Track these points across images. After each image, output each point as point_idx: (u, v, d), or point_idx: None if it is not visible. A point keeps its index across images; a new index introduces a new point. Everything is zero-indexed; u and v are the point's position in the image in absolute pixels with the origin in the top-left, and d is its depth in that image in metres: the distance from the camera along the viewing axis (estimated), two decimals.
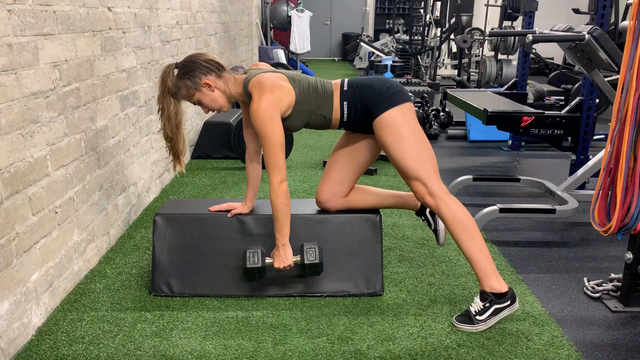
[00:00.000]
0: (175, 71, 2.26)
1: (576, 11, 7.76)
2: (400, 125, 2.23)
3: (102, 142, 2.87)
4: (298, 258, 2.31)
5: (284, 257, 2.28)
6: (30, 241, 2.17)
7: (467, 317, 2.19)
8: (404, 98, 2.28)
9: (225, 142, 4.74)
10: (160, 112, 2.30)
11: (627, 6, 7.35)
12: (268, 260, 2.31)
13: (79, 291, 2.51)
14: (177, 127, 2.31)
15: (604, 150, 3.43)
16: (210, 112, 2.39)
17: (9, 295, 2.01)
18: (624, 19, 7.33)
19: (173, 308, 2.36)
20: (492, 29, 9.64)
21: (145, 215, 3.46)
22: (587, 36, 2.89)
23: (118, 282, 2.60)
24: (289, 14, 10.51)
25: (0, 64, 1.95)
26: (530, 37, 2.91)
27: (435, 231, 2.51)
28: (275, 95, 2.18)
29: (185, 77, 2.24)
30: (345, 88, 2.32)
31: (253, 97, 2.19)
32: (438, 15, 10.01)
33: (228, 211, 2.51)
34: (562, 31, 3.17)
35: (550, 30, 3.33)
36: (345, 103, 2.30)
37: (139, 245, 3.01)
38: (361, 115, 2.30)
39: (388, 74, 8.76)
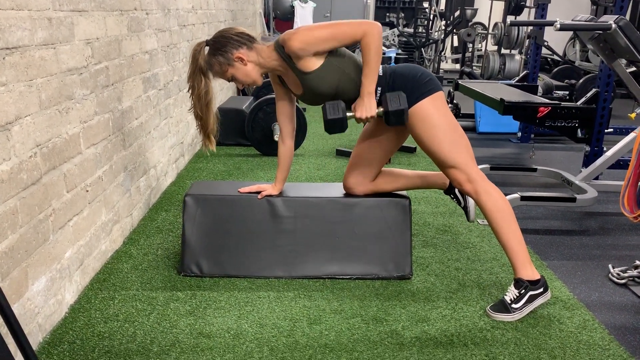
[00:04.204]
0: (206, 49, 2.25)
1: (594, 3, 7.79)
2: (433, 115, 2.22)
3: (127, 123, 2.86)
4: (381, 109, 2.22)
5: (368, 107, 2.20)
6: (65, 218, 2.16)
7: (503, 306, 2.20)
8: (435, 87, 2.26)
9: (238, 129, 4.73)
10: (190, 91, 2.28)
11: None
12: (349, 113, 2.24)
13: (107, 270, 2.50)
14: (207, 105, 2.29)
15: (622, 141, 3.48)
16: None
17: (45, 271, 2.01)
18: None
19: (204, 288, 2.36)
20: (495, 23, 9.68)
21: (163, 198, 3.45)
22: (613, 25, 2.91)
23: (145, 262, 2.59)
24: (293, 5, 10.48)
25: (41, 37, 1.94)
26: (558, 24, 2.92)
27: (465, 208, 2.52)
28: (307, 26, 2.18)
29: (217, 53, 2.22)
30: (380, 74, 2.30)
31: (284, 39, 2.16)
32: (443, 8, 10.02)
33: (258, 193, 2.51)
34: (586, 21, 3.18)
35: (572, 20, 3.35)
36: (379, 88, 2.29)
37: (161, 227, 3.00)
38: None
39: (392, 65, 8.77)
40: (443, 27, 9.60)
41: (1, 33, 1.70)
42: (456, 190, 2.54)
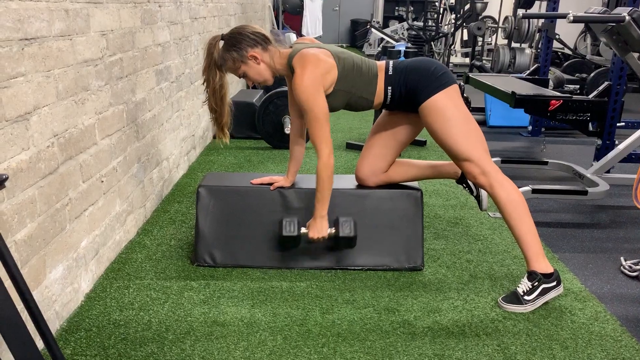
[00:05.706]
0: (221, 43, 2.26)
1: None
2: (447, 109, 2.22)
3: (141, 114, 2.88)
4: (333, 230, 2.33)
5: (320, 228, 2.30)
6: (81, 208, 2.19)
7: (515, 298, 2.20)
8: (450, 80, 2.26)
9: (248, 122, 4.74)
10: (205, 84, 2.30)
11: None
12: (303, 230, 2.33)
13: (121, 260, 2.53)
14: (222, 99, 2.32)
15: (634, 135, 3.46)
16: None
17: (62, 259, 2.04)
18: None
19: (217, 278, 2.39)
20: (506, 16, 9.63)
21: (176, 190, 3.47)
22: (627, 17, 2.89)
23: (159, 252, 2.62)
24: None
25: (58, 28, 1.96)
26: (571, 16, 2.91)
27: (478, 197, 2.53)
28: (317, 70, 2.17)
29: (231, 49, 2.23)
30: (390, 72, 2.30)
31: (296, 71, 2.18)
32: (453, 1, 9.97)
33: (270, 184, 2.53)
34: (599, 14, 3.17)
35: (585, 12, 3.33)
36: (389, 88, 2.29)
37: (174, 218, 3.03)
38: (406, 98, 2.29)
39: (401, 59, 8.75)
40: (453, 21, 9.57)
41: (20, 24, 1.72)
42: (468, 180, 2.55)
